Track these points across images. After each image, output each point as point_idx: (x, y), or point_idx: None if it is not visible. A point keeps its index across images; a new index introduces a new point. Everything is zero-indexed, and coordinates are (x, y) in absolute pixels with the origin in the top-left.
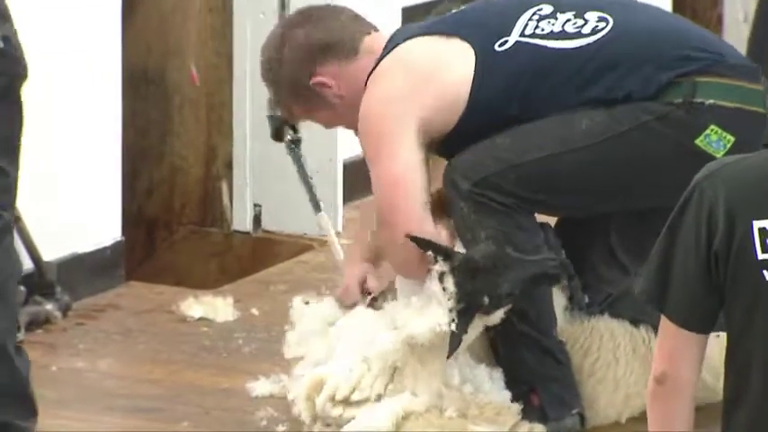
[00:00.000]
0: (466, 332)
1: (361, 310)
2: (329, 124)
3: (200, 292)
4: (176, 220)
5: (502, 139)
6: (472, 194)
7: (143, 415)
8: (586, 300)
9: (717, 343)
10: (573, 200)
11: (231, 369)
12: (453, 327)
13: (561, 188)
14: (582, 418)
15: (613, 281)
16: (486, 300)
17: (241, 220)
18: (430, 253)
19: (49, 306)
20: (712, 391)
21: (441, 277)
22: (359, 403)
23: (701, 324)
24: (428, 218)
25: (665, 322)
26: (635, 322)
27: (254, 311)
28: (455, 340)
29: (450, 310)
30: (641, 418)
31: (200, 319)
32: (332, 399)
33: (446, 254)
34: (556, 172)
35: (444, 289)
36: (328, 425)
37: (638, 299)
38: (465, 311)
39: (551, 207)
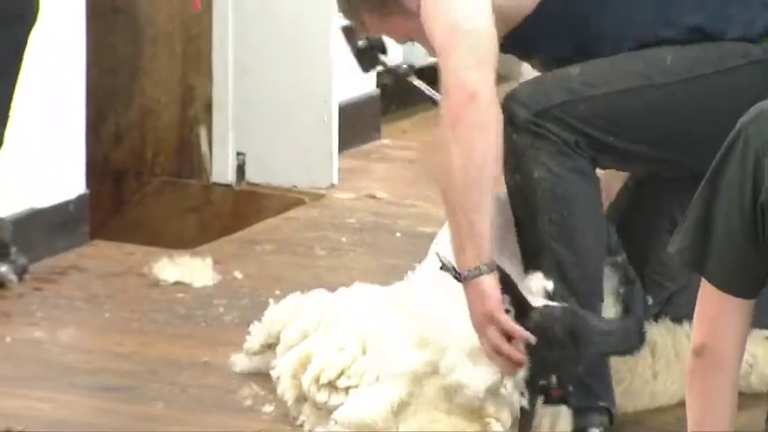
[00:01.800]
0: (535, 409)
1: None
2: (403, 36)
3: (175, 253)
4: (148, 171)
5: (572, 70)
6: (530, 125)
7: (110, 394)
8: (650, 301)
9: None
10: (643, 148)
11: (211, 340)
12: (525, 402)
13: (634, 130)
14: (611, 415)
15: (675, 277)
16: (555, 379)
17: (222, 170)
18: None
19: (2, 268)
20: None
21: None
22: (346, 390)
23: (745, 289)
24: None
25: (705, 287)
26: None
27: (237, 275)
28: (527, 420)
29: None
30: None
31: (176, 283)
32: (316, 381)
33: (521, 308)
34: (631, 109)
35: None
36: (319, 408)
37: (674, 259)
38: (531, 383)
39: (617, 155)
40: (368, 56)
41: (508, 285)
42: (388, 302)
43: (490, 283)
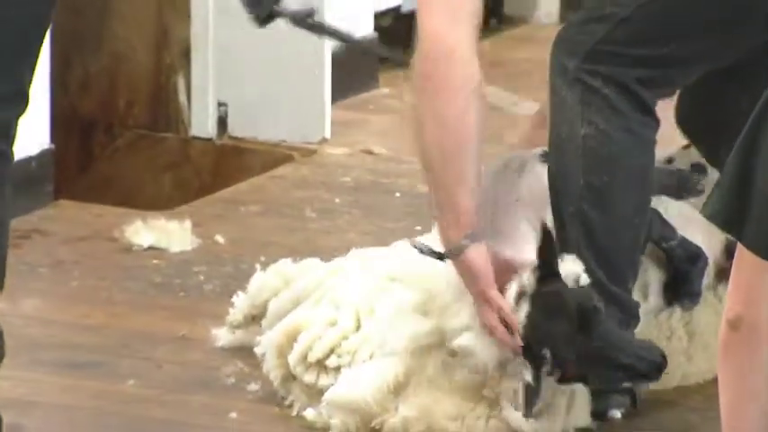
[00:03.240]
0: (541, 384)
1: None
2: None
3: (149, 215)
4: (119, 123)
5: (600, 2)
6: (581, 74)
7: (78, 371)
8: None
9: None
10: (702, 44)
11: (190, 312)
12: (529, 377)
13: (682, 26)
14: (634, 397)
15: None
16: (548, 354)
17: (201, 123)
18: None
19: None
20: None
21: (518, 296)
22: (337, 369)
23: None
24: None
25: (742, 253)
26: None
27: (219, 239)
28: (532, 396)
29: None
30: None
31: (150, 248)
32: (303, 359)
33: (547, 271)
34: (670, 6)
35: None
36: (308, 387)
37: (709, 221)
38: (530, 354)
39: (680, 61)
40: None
41: (545, 243)
42: (387, 269)
43: (477, 257)
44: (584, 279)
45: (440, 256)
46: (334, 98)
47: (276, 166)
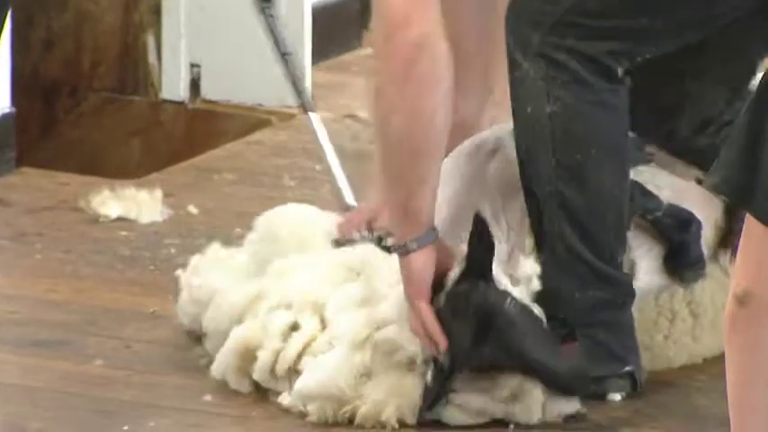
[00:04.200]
0: (443, 388)
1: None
2: None
3: (117, 183)
4: (85, 85)
5: None
6: (546, 49)
7: (41, 350)
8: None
9: None
10: (677, 16)
11: (160, 288)
12: (429, 376)
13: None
14: (634, 380)
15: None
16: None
17: (173, 85)
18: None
19: None
20: None
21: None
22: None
23: None
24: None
25: (750, 224)
26: None
27: (192, 209)
28: (428, 394)
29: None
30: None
31: (118, 219)
32: (271, 373)
33: (470, 263)
34: None
35: None
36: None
37: (714, 192)
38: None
39: (653, 34)
40: None
41: (474, 235)
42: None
43: (418, 262)
44: (536, 285)
45: (387, 249)
46: (315, 59)
47: (253, 131)
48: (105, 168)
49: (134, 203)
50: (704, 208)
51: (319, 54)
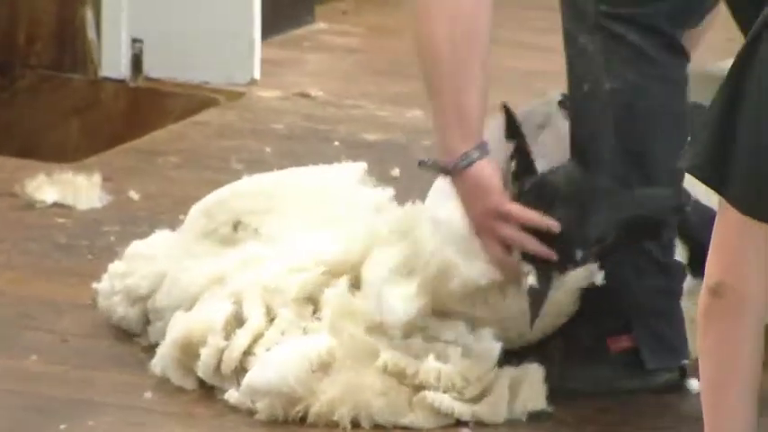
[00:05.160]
0: (550, 287)
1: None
2: None
3: (54, 167)
4: (19, 62)
5: None
6: (604, 20)
7: None
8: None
9: None
10: None
11: (99, 278)
12: (532, 279)
13: None
14: (684, 372)
15: None
16: (579, 252)
17: (113, 62)
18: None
19: None
20: None
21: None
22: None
23: None
24: None
25: (725, 211)
26: None
27: (133, 195)
28: (538, 298)
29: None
30: None
31: (55, 205)
32: (216, 372)
33: (524, 162)
34: None
35: None
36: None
37: (690, 175)
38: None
39: None
40: None
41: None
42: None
43: (487, 169)
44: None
45: (444, 171)
46: (265, 34)
47: (198, 111)
48: (41, 151)
49: (71, 188)
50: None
51: (270, 29)
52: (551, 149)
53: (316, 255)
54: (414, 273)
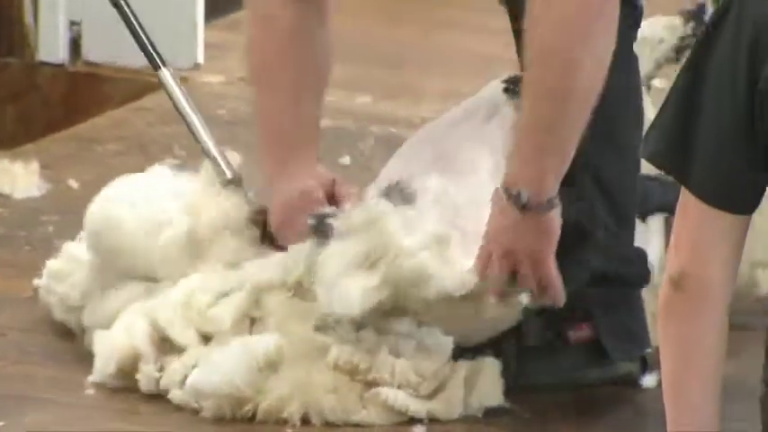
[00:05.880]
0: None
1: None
2: None
3: None
4: None
5: None
6: None
7: None
8: None
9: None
10: None
11: (37, 269)
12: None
13: None
14: (645, 363)
15: None
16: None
17: (51, 45)
18: None
19: None
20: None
21: None
22: None
23: (737, 202)
24: None
25: (686, 199)
26: None
27: (72, 183)
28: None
29: None
30: None
31: None
32: (157, 384)
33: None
34: None
35: None
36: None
37: (650, 163)
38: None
39: None
40: None
41: None
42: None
43: (557, 219)
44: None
45: (523, 204)
46: (208, 17)
47: (139, 96)
48: None
49: (8, 177)
50: None
51: (212, 11)
52: (498, 139)
53: (244, 277)
54: (376, 266)
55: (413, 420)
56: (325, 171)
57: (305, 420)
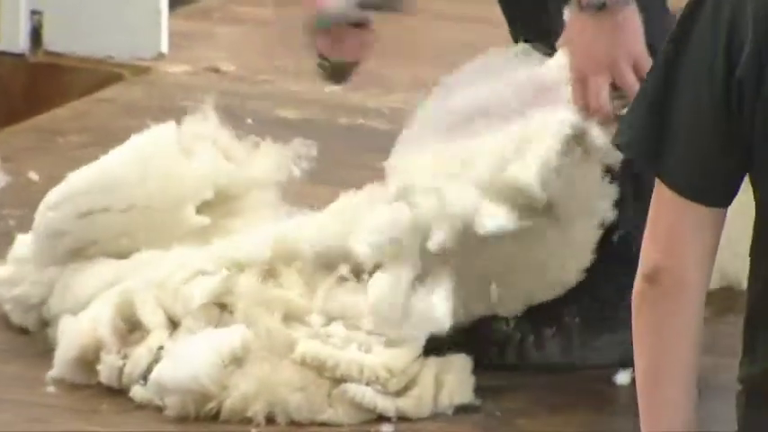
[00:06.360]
0: None
1: None
2: None
3: None
4: None
5: None
6: None
7: None
8: None
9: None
10: None
11: None
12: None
13: None
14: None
15: None
16: None
17: (11, 35)
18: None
19: None
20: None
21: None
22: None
23: (713, 193)
24: None
25: (660, 191)
26: None
27: (33, 176)
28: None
29: None
30: None
31: None
32: (119, 379)
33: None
34: None
35: None
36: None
37: (623, 154)
38: None
39: None
40: None
41: None
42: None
43: (637, 16)
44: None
45: (600, 4)
46: (173, 5)
47: (102, 87)
48: None
49: None
50: None
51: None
52: (532, 74)
53: (219, 256)
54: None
55: (381, 419)
56: None
57: (270, 419)
